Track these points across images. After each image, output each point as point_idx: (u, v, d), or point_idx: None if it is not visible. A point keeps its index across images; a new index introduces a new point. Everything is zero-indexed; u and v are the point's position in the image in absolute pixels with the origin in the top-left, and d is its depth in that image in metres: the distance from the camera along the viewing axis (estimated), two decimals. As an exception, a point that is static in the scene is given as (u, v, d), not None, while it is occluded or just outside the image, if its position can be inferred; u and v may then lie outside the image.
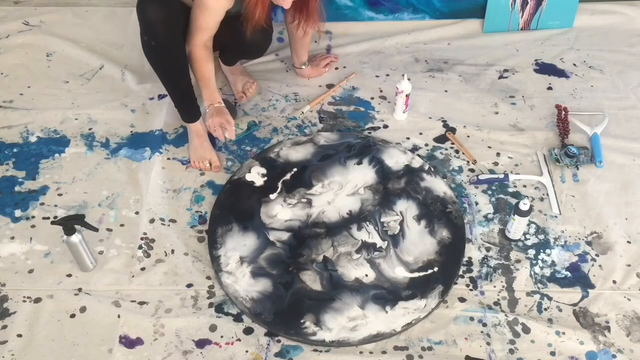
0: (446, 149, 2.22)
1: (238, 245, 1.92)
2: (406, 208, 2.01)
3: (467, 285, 1.86)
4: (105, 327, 1.76)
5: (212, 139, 2.21)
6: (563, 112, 2.29)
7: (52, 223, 1.82)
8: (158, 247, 1.94)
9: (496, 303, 1.82)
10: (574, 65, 2.53)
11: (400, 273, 1.86)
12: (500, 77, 2.48)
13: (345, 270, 1.86)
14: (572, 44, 2.62)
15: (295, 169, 2.11)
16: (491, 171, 2.15)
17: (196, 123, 2.14)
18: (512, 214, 1.89)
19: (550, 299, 1.83)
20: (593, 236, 1.97)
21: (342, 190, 2.05)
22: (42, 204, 2.05)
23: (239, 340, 1.75)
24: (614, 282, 1.86)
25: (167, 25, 1.93)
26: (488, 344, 1.74)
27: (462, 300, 1.82)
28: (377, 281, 1.84)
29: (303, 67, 2.42)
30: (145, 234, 1.97)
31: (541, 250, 1.94)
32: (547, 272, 1.89)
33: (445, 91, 2.42)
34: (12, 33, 2.63)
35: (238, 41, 2.13)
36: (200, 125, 2.15)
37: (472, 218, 2.02)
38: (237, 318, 1.79)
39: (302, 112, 2.33)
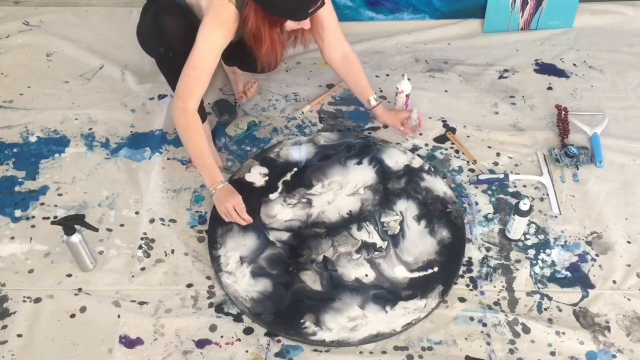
0: (446, 149, 2.22)
1: (238, 245, 1.92)
2: (406, 208, 2.01)
3: (467, 285, 1.86)
4: (105, 327, 1.76)
5: (214, 139, 2.21)
6: (563, 112, 2.29)
7: (52, 223, 1.82)
8: (158, 247, 1.94)
9: (496, 303, 1.82)
10: (574, 65, 2.53)
11: (400, 273, 1.86)
12: (500, 77, 2.48)
13: (345, 270, 1.86)
14: (572, 44, 2.62)
15: (295, 169, 2.11)
16: (491, 171, 2.15)
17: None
18: (512, 214, 1.89)
19: (550, 299, 1.83)
20: (593, 236, 1.97)
21: (342, 190, 2.05)
22: (42, 204, 2.05)
23: (239, 340, 1.75)
24: (614, 282, 1.86)
25: (185, 37, 1.91)
26: (488, 344, 1.74)
27: (462, 300, 1.82)
28: (377, 281, 1.84)
29: (371, 104, 2.18)
30: (145, 234, 1.97)
31: (541, 250, 1.94)
32: (547, 272, 1.89)
33: (445, 91, 2.42)
34: (12, 33, 2.64)
35: (249, 65, 2.11)
36: (204, 126, 2.15)
37: (472, 218, 2.02)
38: (237, 318, 1.79)
39: (302, 112, 2.33)
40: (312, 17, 1.87)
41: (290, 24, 1.82)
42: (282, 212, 2.00)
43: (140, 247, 1.94)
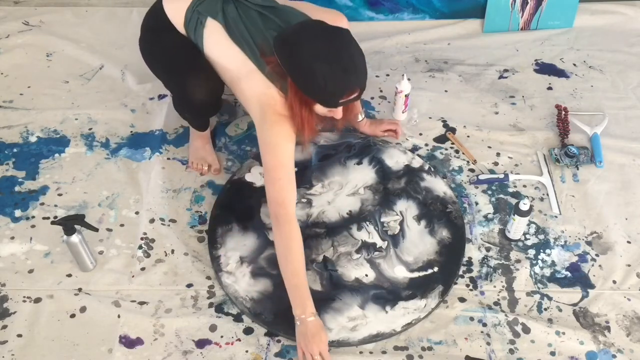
0: (446, 149, 2.22)
1: (238, 245, 1.92)
2: (406, 208, 2.01)
3: (467, 285, 1.86)
4: (105, 327, 1.76)
5: (214, 139, 2.21)
6: (563, 112, 2.29)
7: (52, 223, 1.82)
8: (158, 247, 1.94)
9: (496, 303, 1.82)
10: (574, 65, 2.53)
11: (400, 273, 1.86)
12: (500, 77, 2.48)
13: (345, 270, 1.86)
14: (572, 44, 2.62)
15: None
16: (491, 171, 2.15)
17: (207, 131, 2.14)
18: (512, 214, 1.89)
19: (550, 299, 1.83)
20: (593, 236, 1.97)
21: (342, 190, 2.06)
22: (42, 204, 2.05)
23: (239, 340, 1.75)
24: (614, 282, 1.86)
25: (213, 104, 1.95)
26: (488, 344, 1.74)
27: (462, 300, 1.82)
28: (377, 281, 1.84)
29: (358, 119, 2.18)
30: (145, 234, 1.97)
31: (541, 250, 1.94)
32: (547, 272, 1.89)
33: (445, 91, 2.42)
34: (12, 33, 2.64)
35: None
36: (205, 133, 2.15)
37: (472, 218, 2.02)
38: (237, 318, 1.79)
39: (302, 112, 2.33)
40: (346, 107, 1.77)
41: (320, 109, 1.71)
42: (282, 212, 2.00)
43: (140, 247, 1.94)
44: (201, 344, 1.74)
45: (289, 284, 1.70)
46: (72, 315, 1.79)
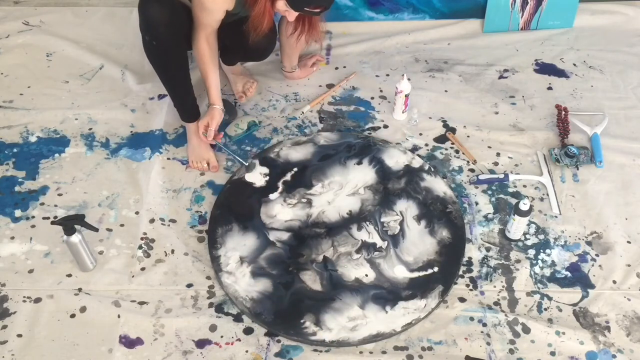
0: (446, 149, 2.22)
1: (238, 245, 1.92)
2: (406, 208, 2.01)
3: (467, 285, 1.86)
4: (105, 327, 1.76)
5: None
6: (563, 112, 2.29)
7: (52, 223, 1.82)
8: (158, 247, 1.94)
9: (496, 303, 1.82)
10: (574, 65, 2.53)
11: (400, 273, 1.86)
12: (500, 77, 2.48)
13: (345, 270, 1.86)
14: (572, 44, 2.62)
15: (295, 169, 2.11)
16: (491, 171, 2.15)
17: (195, 123, 2.14)
18: (512, 214, 1.89)
19: (550, 299, 1.83)
20: (593, 236, 1.97)
21: (342, 190, 2.06)
22: (42, 204, 2.05)
23: (239, 340, 1.75)
24: (614, 282, 1.86)
25: (169, 25, 1.93)
26: (488, 344, 1.74)
27: (462, 300, 1.83)
28: (377, 281, 1.84)
29: (293, 70, 2.42)
30: (145, 234, 1.97)
31: (541, 250, 1.94)
32: (547, 272, 1.89)
33: (445, 91, 2.42)
34: (12, 33, 2.64)
35: (242, 44, 2.12)
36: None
37: (472, 218, 2.02)
38: (237, 318, 1.80)
39: (302, 112, 2.33)
40: (312, 21, 1.98)
41: (280, 5, 1.85)
42: (282, 212, 2.00)
43: (140, 247, 1.94)
44: (201, 344, 1.74)
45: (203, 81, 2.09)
46: (72, 315, 1.79)
